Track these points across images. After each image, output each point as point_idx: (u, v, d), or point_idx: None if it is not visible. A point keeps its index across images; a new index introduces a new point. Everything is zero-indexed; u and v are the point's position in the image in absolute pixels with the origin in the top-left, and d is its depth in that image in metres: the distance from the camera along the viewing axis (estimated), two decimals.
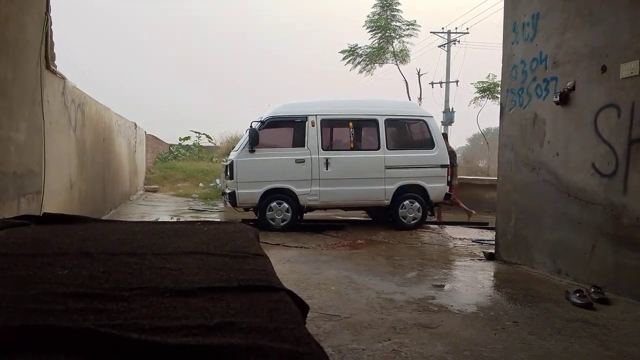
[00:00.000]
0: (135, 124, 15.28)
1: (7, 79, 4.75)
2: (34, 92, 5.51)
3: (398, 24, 21.34)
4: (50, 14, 5.95)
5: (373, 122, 9.00)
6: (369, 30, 21.60)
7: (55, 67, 6.18)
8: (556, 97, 5.25)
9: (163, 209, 12.36)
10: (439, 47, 28.42)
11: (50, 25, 5.98)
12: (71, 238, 2.18)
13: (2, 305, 1.19)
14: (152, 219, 9.83)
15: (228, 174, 8.75)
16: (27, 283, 1.43)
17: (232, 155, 9.01)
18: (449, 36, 28.03)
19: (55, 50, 6.18)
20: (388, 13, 21.21)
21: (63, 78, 6.67)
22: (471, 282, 5.17)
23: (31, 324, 1.05)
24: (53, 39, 6.12)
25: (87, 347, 0.99)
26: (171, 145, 25.77)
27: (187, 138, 25.69)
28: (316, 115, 8.77)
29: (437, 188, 9.03)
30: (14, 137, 4.94)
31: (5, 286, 1.39)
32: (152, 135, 21.41)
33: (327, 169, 8.68)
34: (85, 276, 1.53)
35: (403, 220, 8.93)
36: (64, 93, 6.78)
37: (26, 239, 2.16)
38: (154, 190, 16.73)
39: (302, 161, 8.64)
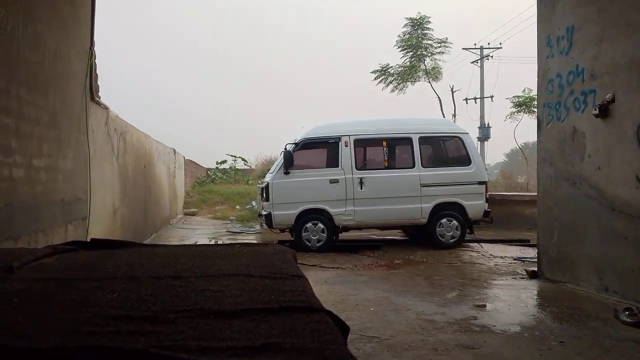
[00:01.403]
0: (174, 150, 15.72)
1: (56, 111, 5.02)
2: (80, 122, 5.79)
3: (429, 42, 21.36)
4: (94, 48, 6.27)
5: (407, 140, 8.99)
6: (400, 49, 21.69)
7: (99, 97, 6.48)
8: (595, 109, 5.13)
9: (202, 231, 12.59)
10: (471, 63, 28.24)
11: (95, 59, 6.29)
12: (118, 263, 2.27)
13: (58, 327, 1.26)
14: (191, 241, 10.03)
15: (264, 195, 8.87)
16: (80, 306, 1.50)
17: (268, 178, 9.14)
18: (481, 52, 27.83)
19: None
20: (419, 32, 21.26)
21: (106, 108, 6.98)
22: (514, 301, 5.05)
23: (87, 344, 1.10)
24: (97, 71, 6.43)
25: None
26: (208, 169, 26.32)
27: (224, 162, 26.23)
28: (349, 135, 8.83)
29: (475, 205, 8.89)
30: (61, 165, 5.19)
31: (60, 309, 1.46)
32: (191, 160, 21.94)
33: (361, 189, 8.69)
34: (133, 299, 1.59)
35: (441, 238, 8.80)
36: (107, 122, 7.08)
37: (76, 264, 2.25)
38: (193, 214, 17.08)
39: (336, 181, 8.69)
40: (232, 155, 26.34)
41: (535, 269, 6.27)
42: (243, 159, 26.49)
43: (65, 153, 5.32)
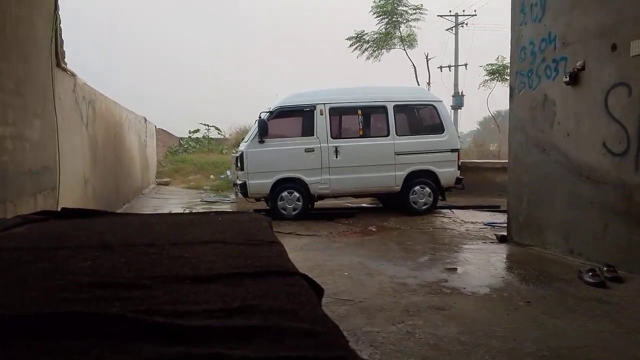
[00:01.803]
0: (145, 119, 15.39)
1: (20, 78, 4.83)
2: (46, 89, 5.60)
3: (405, 8, 21.13)
4: (59, 12, 6.02)
5: (382, 109, 9.00)
6: (375, 15, 21.42)
7: (66, 64, 6.26)
8: (566, 77, 5.21)
9: (175, 201, 12.48)
10: (446, 30, 28.18)
11: (60, 23, 6.04)
12: (90, 231, 2.24)
13: (33, 295, 1.25)
14: (165, 211, 9.95)
15: (238, 165, 8.81)
16: (53, 274, 1.49)
17: (242, 147, 9.07)
18: (456, 19, 27.77)
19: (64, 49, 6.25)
20: None
21: (73, 75, 6.75)
22: (484, 264, 5.20)
23: (62, 310, 1.10)
24: (62, 37, 6.19)
25: (115, 332, 1.04)
26: (181, 138, 25.89)
27: (197, 131, 25.78)
28: (324, 103, 8.78)
29: (447, 173, 9.03)
30: (28, 134, 5.04)
31: (34, 278, 1.45)
32: (162, 129, 21.55)
33: (336, 157, 8.71)
34: (107, 267, 1.59)
35: (414, 205, 8.94)
36: (74, 90, 6.86)
37: (47, 233, 2.23)
38: (166, 184, 16.88)
39: (311, 150, 8.68)
40: (205, 124, 25.94)
41: (505, 233, 6.45)
42: (217, 128, 26.08)
43: (32, 121, 5.16)
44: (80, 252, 1.81)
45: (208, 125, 25.84)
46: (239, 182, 8.84)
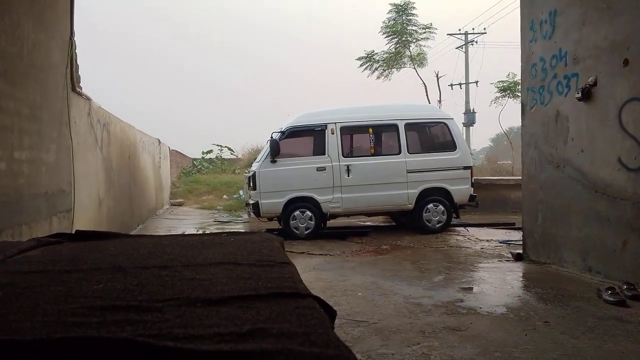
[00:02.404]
0: (159, 140, 15.56)
1: (36, 103, 4.93)
2: (62, 113, 5.70)
3: (414, 28, 21.32)
4: (74, 38, 6.16)
5: (393, 127, 9.02)
6: (385, 35, 21.62)
7: (81, 88, 6.38)
8: (578, 93, 5.18)
9: (189, 222, 12.53)
10: (456, 48, 28.29)
11: (75, 49, 6.18)
12: (104, 254, 2.25)
13: (44, 319, 1.25)
14: (179, 232, 9.98)
15: (251, 184, 8.85)
16: (65, 298, 1.49)
17: (254, 166, 9.12)
18: (466, 37, 27.90)
19: (80, 73, 6.38)
20: (404, 18, 21.20)
21: (88, 99, 6.87)
22: (500, 283, 5.12)
23: (72, 335, 1.10)
24: (77, 62, 6.32)
25: (125, 357, 1.04)
26: (194, 159, 26.16)
27: (210, 151, 26.07)
28: (335, 123, 8.83)
29: (461, 190, 8.97)
30: (44, 158, 5.11)
31: (46, 301, 1.45)
32: (176, 150, 21.76)
33: (348, 176, 8.71)
34: (119, 290, 1.59)
35: (427, 223, 8.88)
36: (89, 113, 6.98)
37: (61, 256, 2.24)
38: (180, 204, 16.98)
39: (323, 169, 8.69)
40: (218, 145, 26.22)
41: (521, 251, 6.36)
42: (229, 148, 26.37)
43: (48, 145, 5.24)
44: (93, 274, 1.81)
45: (221, 146, 26.17)
46: (251, 201, 8.87)
